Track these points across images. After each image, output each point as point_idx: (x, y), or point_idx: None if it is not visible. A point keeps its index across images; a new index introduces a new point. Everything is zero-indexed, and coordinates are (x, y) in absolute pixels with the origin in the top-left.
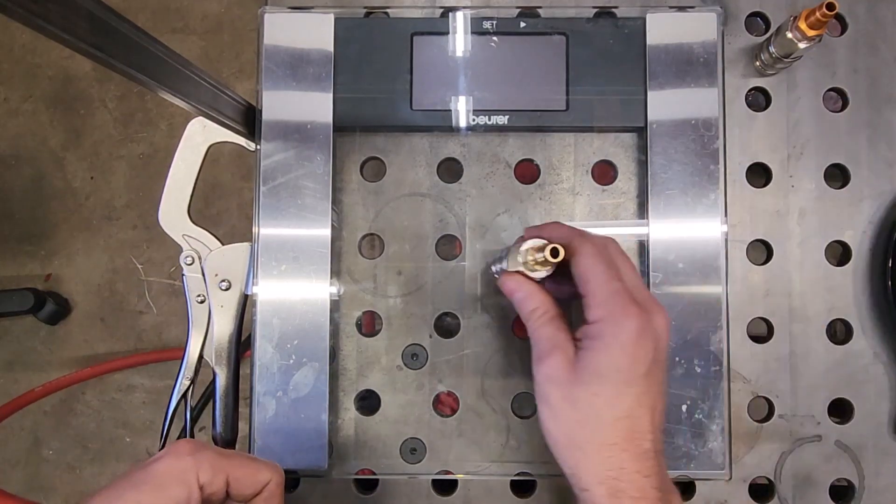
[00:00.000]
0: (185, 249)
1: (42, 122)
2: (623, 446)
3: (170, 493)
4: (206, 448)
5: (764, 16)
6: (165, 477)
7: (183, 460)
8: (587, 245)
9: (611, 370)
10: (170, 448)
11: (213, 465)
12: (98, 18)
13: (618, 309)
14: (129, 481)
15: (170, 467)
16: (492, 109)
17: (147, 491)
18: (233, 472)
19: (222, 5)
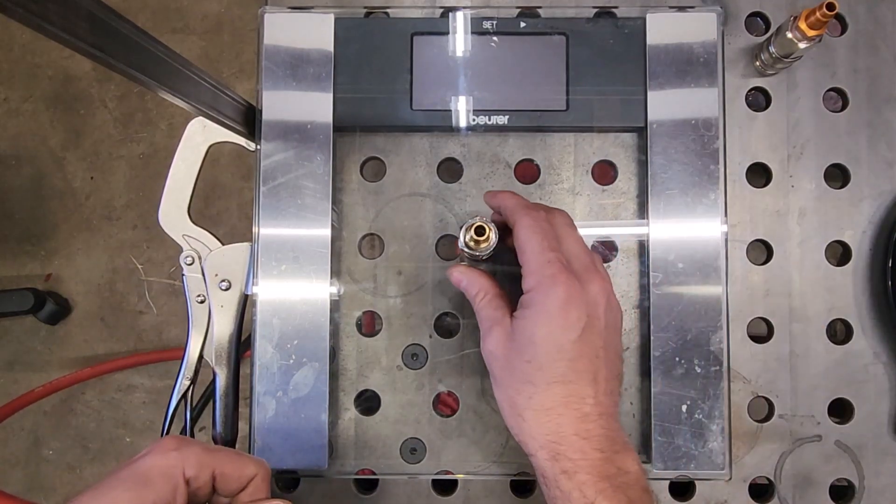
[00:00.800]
0: (185, 249)
1: (42, 122)
2: (559, 411)
3: (156, 490)
4: (192, 443)
5: (764, 16)
6: (152, 473)
7: (168, 456)
8: (525, 217)
9: (541, 337)
10: (155, 444)
11: (199, 460)
12: (98, 18)
13: (546, 278)
14: (117, 478)
15: (156, 463)
16: (492, 109)
17: (134, 488)
18: (219, 468)
19: (222, 5)
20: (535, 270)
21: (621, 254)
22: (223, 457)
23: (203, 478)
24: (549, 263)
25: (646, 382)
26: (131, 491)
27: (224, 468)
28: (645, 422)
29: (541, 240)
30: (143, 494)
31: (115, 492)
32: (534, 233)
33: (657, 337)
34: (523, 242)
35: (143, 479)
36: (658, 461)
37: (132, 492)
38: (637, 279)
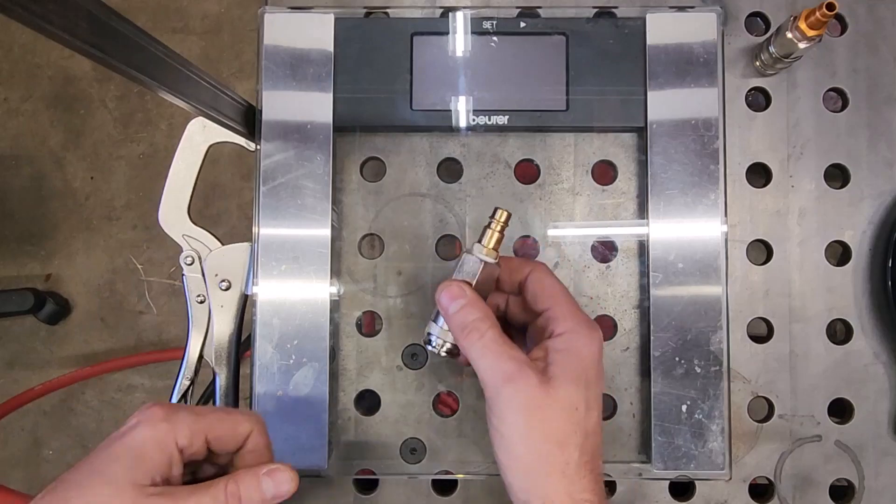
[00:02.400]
0: (185, 249)
1: (42, 122)
2: (592, 465)
3: (150, 464)
4: (180, 410)
5: (764, 16)
6: (145, 448)
7: (158, 428)
8: (540, 265)
9: (584, 381)
10: (142, 415)
11: (189, 427)
12: (98, 18)
13: (584, 320)
14: (107, 454)
15: (146, 436)
16: (492, 109)
17: (128, 463)
18: (211, 431)
19: (222, 5)
20: (571, 314)
21: (621, 254)
22: (214, 419)
23: (197, 444)
24: (579, 308)
25: (646, 382)
26: (127, 467)
27: (216, 431)
28: (645, 422)
29: (563, 286)
30: (138, 470)
31: (110, 468)
32: (556, 279)
33: (657, 337)
34: (549, 286)
35: (136, 455)
36: (658, 461)
37: (128, 468)
38: (637, 279)
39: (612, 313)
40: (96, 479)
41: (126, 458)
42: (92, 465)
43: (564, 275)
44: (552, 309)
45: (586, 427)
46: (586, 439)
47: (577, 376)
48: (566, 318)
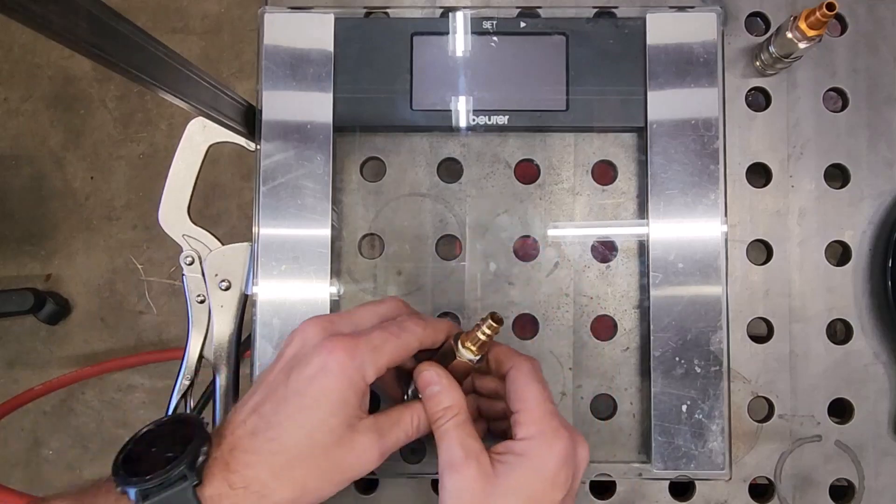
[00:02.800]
0: (185, 249)
1: (42, 122)
2: None
3: (349, 407)
4: (361, 350)
5: (764, 16)
6: (341, 393)
7: (342, 380)
8: (524, 362)
9: (530, 490)
10: (320, 359)
11: (375, 365)
12: (98, 18)
13: (550, 429)
14: (294, 406)
15: (341, 385)
16: (492, 109)
17: (329, 409)
18: (392, 361)
19: (222, 5)
20: (537, 420)
21: (621, 254)
22: (391, 350)
23: (380, 372)
24: (551, 415)
25: (646, 382)
26: (330, 413)
27: (396, 358)
28: (645, 422)
29: (542, 389)
30: (342, 413)
31: (297, 416)
32: (536, 380)
33: (657, 337)
34: (522, 387)
35: (336, 399)
36: (658, 461)
37: (331, 414)
38: (637, 279)
39: (612, 313)
40: (299, 419)
41: (326, 403)
42: (273, 413)
43: (564, 275)
44: (520, 413)
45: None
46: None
47: (524, 483)
48: (530, 424)
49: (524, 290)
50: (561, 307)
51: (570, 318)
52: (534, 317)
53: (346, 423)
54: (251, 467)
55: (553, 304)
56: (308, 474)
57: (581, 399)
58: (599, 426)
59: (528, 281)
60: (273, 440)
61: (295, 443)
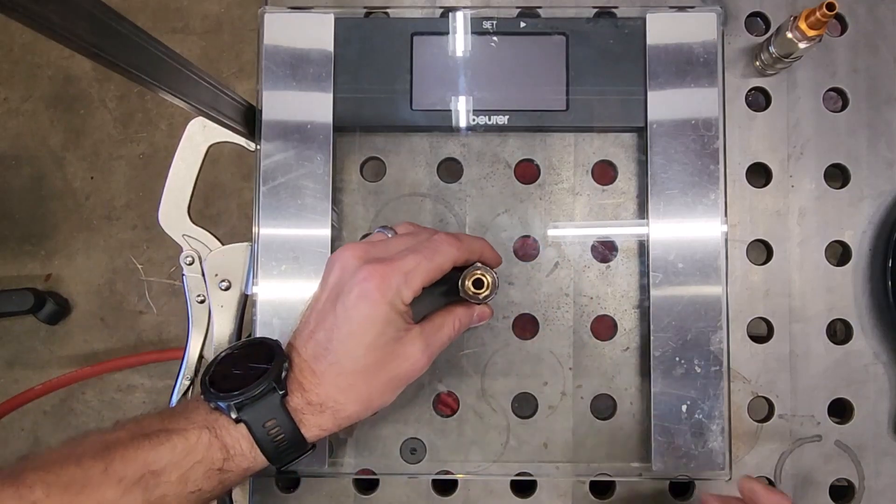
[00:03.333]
0: (185, 249)
1: (42, 122)
2: None
3: (387, 336)
4: (394, 273)
5: (764, 16)
6: (375, 323)
7: (382, 304)
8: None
9: None
10: (359, 287)
11: (411, 289)
12: (98, 18)
13: None
14: (345, 332)
15: (374, 313)
16: (492, 109)
17: (367, 339)
18: (426, 281)
19: (222, 5)
20: None
21: (621, 254)
22: (423, 272)
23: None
24: None
25: (646, 382)
26: (378, 335)
27: (430, 278)
28: (645, 422)
29: None
30: (386, 333)
31: (365, 337)
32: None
33: (657, 337)
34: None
35: (382, 322)
36: (658, 461)
37: (379, 336)
38: (637, 279)
39: (612, 313)
40: (356, 339)
41: (371, 326)
42: (344, 331)
43: (564, 275)
44: None
45: None
46: None
47: None
48: None
49: (524, 290)
50: (561, 307)
51: (570, 318)
52: (534, 317)
53: (395, 338)
54: (321, 386)
55: (553, 304)
56: (371, 388)
57: (581, 399)
58: (599, 426)
59: (528, 281)
60: (333, 363)
61: (353, 364)
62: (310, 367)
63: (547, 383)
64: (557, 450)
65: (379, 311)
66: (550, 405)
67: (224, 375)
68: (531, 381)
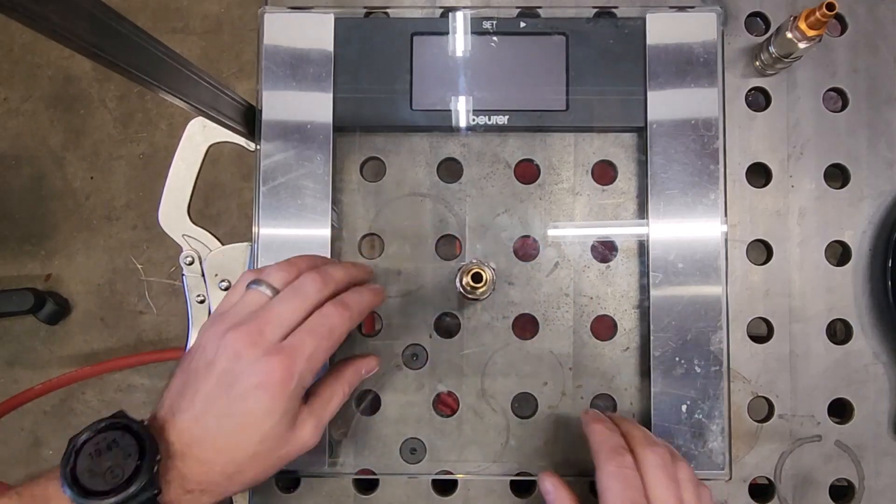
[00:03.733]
0: (185, 249)
1: (42, 122)
2: None
3: (283, 424)
4: (296, 363)
5: (764, 16)
6: (273, 414)
7: (283, 395)
8: (609, 463)
9: None
10: (258, 378)
11: (312, 374)
12: (98, 18)
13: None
14: (239, 422)
15: (274, 406)
16: (492, 109)
17: (262, 430)
18: (328, 356)
19: (222, 5)
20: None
21: (621, 254)
22: (325, 351)
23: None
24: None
25: (646, 382)
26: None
27: (329, 355)
28: (645, 422)
29: (622, 489)
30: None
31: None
32: (616, 481)
33: (657, 337)
34: (604, 490)
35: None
36: None
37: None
38: (637, 279)
39: (612, 313)
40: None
41: (269, 418)
42: (237, 421)
43: (564, 275)
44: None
45: None
46: None
47: None
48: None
49: (524, 290)
50: (561, 307)
51: (570, 318)
52: (534, 317)
53: (288, 424)
54: (206, 474)
55: (553, 304)
56: (257, 472)
57: (581, 399)
58: None
59: (528, 281)
60: (222, 451)
61: (243, 454)
62: (194, 452)
63: (547, 383)
64: (557, 450)
65: (278, 405)
66: (550, 405)
67: (90, 470)
68: (531, 381)
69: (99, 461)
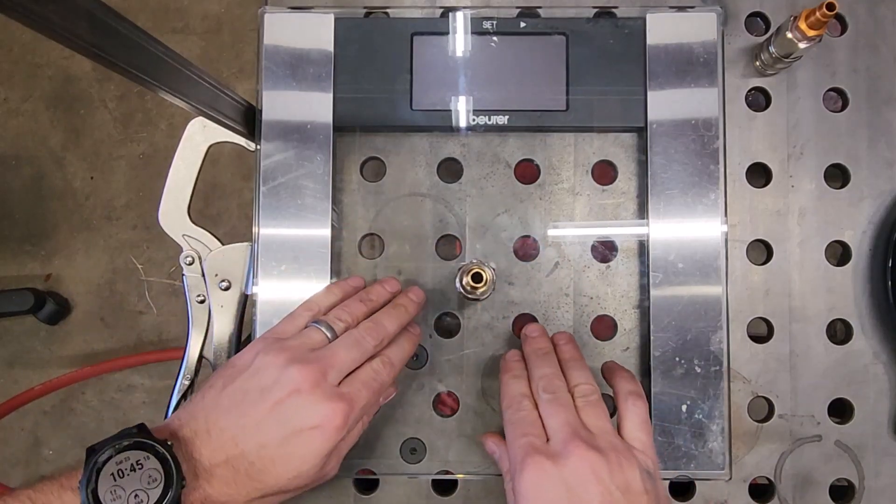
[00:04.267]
0: (185, 249)
1: (42, 122)
2: None
3: (323, 462)
4: (354, 411)
5: (764, 16)
6: (321, 454)
7: (336, 439)
8: (507, 410)
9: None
10: (317, 418)
11: (363, 423)
12: (98, 18)
13: (516, 464)
14: (285, 456)
15: (325, 447)
16: (492, 109)
17: (305, 467)
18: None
19: (222, 5)
20: (511, 459)
21: (621, 254)
22: (375, 402)
23: None
24: (518, 449)
25: (646, 382)
26: (318, 465)
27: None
28: None
29: (514, 427)
30: (324, 460)
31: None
32: (508, 423)
33: (657, 337)
34: (507, 441)
35: (328, 452)
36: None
37: (319, 465)
38: (637, 279)
39: (612, 313)
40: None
41: (316, 457)
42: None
43: (564, 275)
44: None
45: None
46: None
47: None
48: (508, 462)
49: (524, 290)
50: (561, 307)
51: (570, 318)
52: (534, 317)
53: (324, 465)
54: (231, 497)
55: (553, 304)
56: (275, 502)
57: None
58: None
59: (528, 281)
60: (254, 478)
61: (274, 484)
62: (223, 475)
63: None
64: None
65: (327, 448)
66: None
67: (113, 492)
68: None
69: (122, 483)
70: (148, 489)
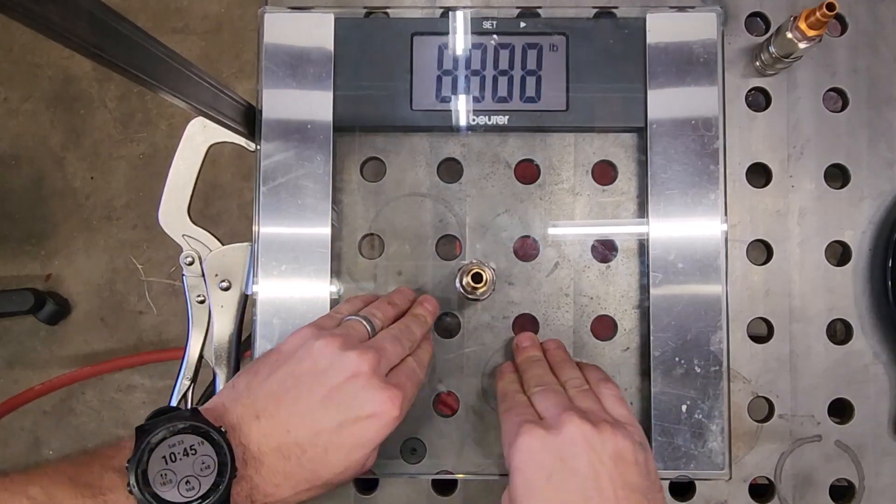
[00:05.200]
0: (185, 249)
1: (42, 122)
2: None
3: (365, 458)
4: (406, 401)
5: (764, 16)
6: (375, 442)
7: (390, 428)
8: (499, 393)
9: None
10: (374, 407)
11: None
12: (98, 18)
13: (508, 436)
14: (338, 445)
15: (380, 436)
16: (492, 109)
17: (355, 456)
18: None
19: (222, 5)
20: (505, 439)
21: (621, 254)
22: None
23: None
24: (513, 426)
25: (646, 382)
26: (368, 456)
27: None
28: (645, 422)
29: (509, 413)
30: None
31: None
32: (503, 413)
33: (657, 337)
34: (501, 425)
35: (379, 442)
36: (658, 461)
37: (369, 456)
38: (637, 279)
39: (612, 313)
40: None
41: (369, 446)
42: (337, 442)
43: (564, 275)
44: None
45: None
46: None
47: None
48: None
49: (524, 290)
50: (561, 307)
51: (570, 318)
52: (534, 317)
53: (370, 456)
54: (277, 487)
55: (553, 304)
56: (317, 494)
57: None
58: None
59: (528, 281)
60: (307, 469)
61: (324, 473)
62: (272, 463)
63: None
64: None
65: (380, 438)
66: None
67: (163, 475)
68: None
69: (174, 466)
70: (200, 476)
